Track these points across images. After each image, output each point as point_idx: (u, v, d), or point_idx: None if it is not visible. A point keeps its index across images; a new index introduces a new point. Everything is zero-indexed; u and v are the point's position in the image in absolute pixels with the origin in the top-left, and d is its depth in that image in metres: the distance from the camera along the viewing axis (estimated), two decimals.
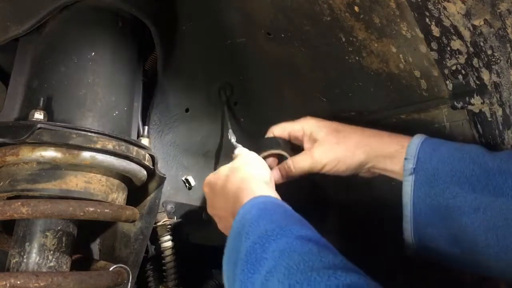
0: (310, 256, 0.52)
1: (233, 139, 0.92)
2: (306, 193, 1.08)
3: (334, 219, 1.08)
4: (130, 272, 0.73)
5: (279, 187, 0.75)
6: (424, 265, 0.81)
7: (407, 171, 0.70)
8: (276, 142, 0.86)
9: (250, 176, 0.72)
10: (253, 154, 0.82)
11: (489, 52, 0.63)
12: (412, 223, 0.69)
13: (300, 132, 0.84)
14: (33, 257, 0.67)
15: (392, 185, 0.77)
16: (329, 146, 0.79)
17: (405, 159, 0.70)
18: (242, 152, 0.83)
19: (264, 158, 0.84)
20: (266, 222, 0.59)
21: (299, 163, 0.81)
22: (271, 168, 0.82)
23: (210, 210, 0.81)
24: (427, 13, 0.64)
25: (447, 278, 0.85)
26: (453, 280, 0.85)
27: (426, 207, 0.68)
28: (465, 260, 0.67)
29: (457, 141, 0.74)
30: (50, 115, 0.70)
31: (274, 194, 0.70)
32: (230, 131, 0.94)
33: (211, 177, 0.79)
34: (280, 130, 0.87)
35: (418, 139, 0.72)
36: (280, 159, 0.87)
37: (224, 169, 0.78)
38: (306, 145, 0.83)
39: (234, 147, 0.88)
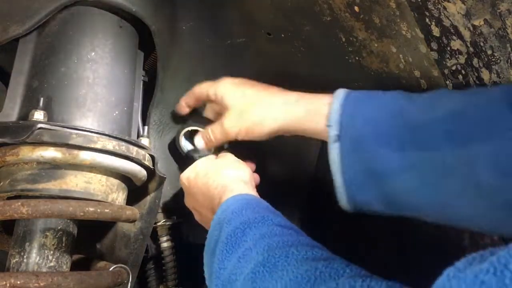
0: (289, 237, 0.53)
1: None
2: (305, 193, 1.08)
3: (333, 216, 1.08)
4: (130, 272, 0.73)
5: (275, 186, 0.76)
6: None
7: (332, 138, 0.66)
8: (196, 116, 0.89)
9: (232, 177, 0.74)
10: (233, 157, 0.83)
11: (489, 52, 0.62)
12: (345, 191, 0.66)
13: (214, 97, 0.82)
14: (33, 257, 0.67)
15: None
16: (237, 114, 0.77)
17: (328, 126, 0.67)
18: (226, 154, 0.85)
19: (185, 135, 0.89)
20: (249, 213, 0.60)
21: (215, 133, 0.82)
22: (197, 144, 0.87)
23: (187, 203, 0.83)
24: (427, 13, 0.64)
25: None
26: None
27: (356, 173, 0.65)
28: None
29: None
30: (50, 115, 0.70)
31: (254, 193, 0.71)
32: None
33: (189, 172, 0.80)
34: (189, 99, 0.86)
35: (337, 101, 0.68)
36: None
37: (203, 165, 0.79)
38: (221, 111, 0.82)
39: (224, 145, 0.90)
